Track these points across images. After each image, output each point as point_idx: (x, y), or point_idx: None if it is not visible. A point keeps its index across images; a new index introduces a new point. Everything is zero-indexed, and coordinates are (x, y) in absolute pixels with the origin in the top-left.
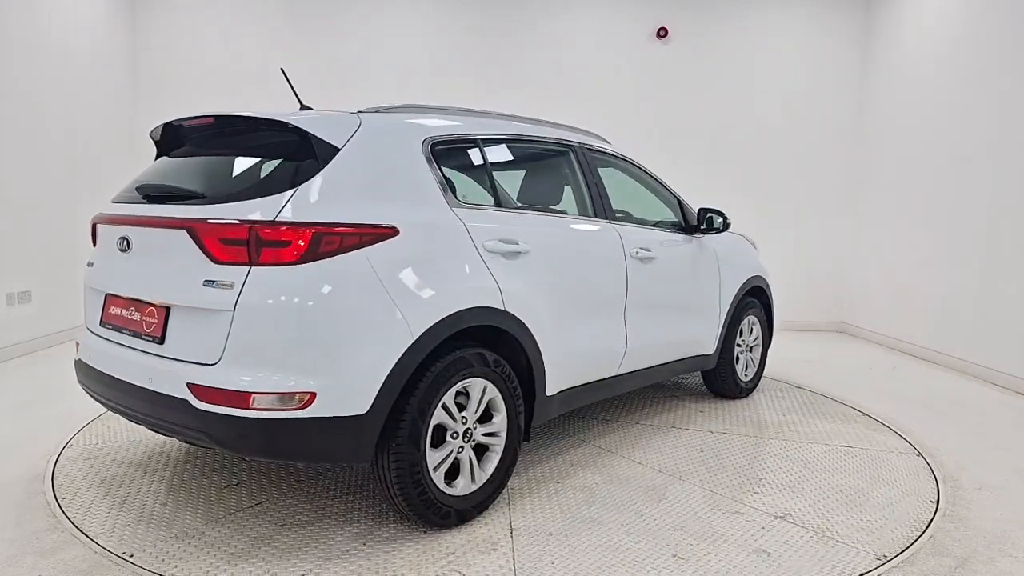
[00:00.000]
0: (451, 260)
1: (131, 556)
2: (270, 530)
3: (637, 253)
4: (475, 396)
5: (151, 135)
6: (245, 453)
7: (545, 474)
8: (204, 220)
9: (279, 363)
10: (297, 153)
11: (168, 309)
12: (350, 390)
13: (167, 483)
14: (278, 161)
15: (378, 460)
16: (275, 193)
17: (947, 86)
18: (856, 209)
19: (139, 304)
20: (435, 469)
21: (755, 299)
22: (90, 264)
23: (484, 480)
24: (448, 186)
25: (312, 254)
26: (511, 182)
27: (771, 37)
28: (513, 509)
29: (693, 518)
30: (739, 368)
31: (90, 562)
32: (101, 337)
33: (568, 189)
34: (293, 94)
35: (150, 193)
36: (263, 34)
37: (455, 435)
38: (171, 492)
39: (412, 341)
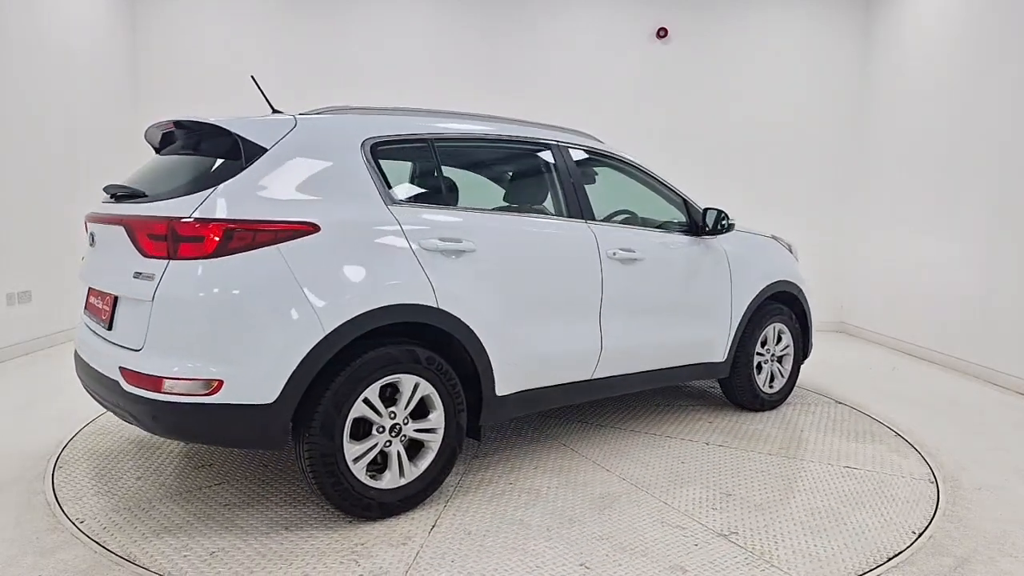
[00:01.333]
0: (376, 257)
1: (131, 556)
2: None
3: (615, 254)
4: (406, 392)
5: (144, 136)
6: (160, 434)
7: (502, 474)
8: (137, 217)
9: (189, 351)
10: (228, 154)
11: (116, 299)
12: (257, 380)
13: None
14: (213, 161)
15: (296, 448)
16: (199, 191)
17: (947, 86)
18: (856, 209)
19: (101, 294)
20: (355, 461)
21: (784, 306)
22: (83, 258)
23: (415, 476)
24: (387, 185)
25: (224, 249)
26: (476, 182)
27: (771, 37)
28: (448, 506)
29: (627, 529)
30: (760, 379)
31: (90, 562)
32: (84, 325)
33: (540, 189)
34: (264, 100)
35: (115, 192)
36: (263, 34)
37: (381, 429)
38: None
39: (323, 335)
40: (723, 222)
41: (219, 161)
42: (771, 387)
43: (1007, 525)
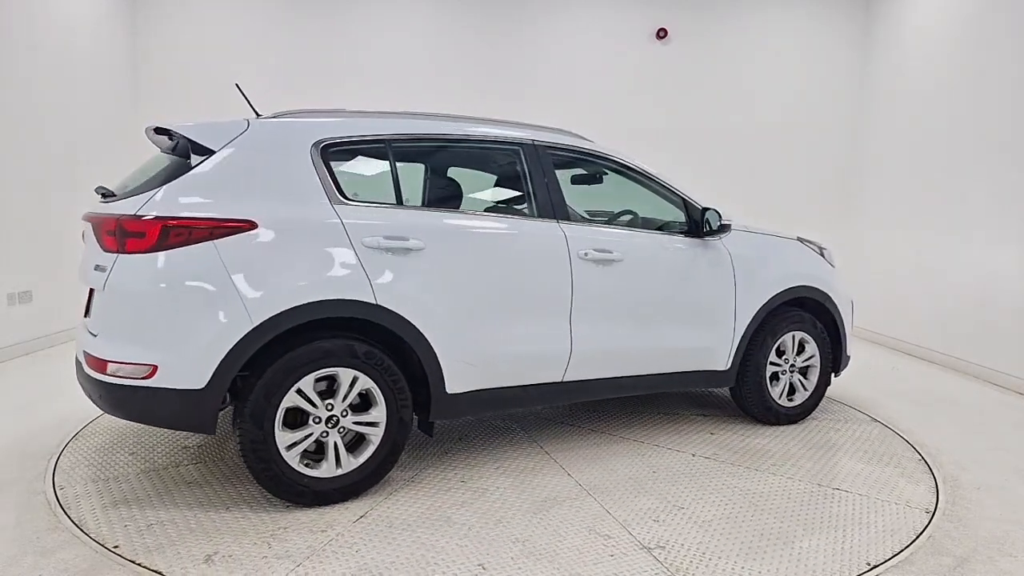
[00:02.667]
0: (312, 254)
1: (132, 556)
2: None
3: (588, 255)
4: (343, 385)
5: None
6: (106, 412)
7: (459, 471)
8: (100, 215)
9: (130, 338)
10: (182, 155)
11: (92, 290)
12: (188, 367)
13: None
14: (170, 162)
15: (234, 433)
16: (149, 190)
17: (947, 86)
18: (856, 209)
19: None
20: (288, 448)
21: (808, 313)
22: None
23: (354, 467)
24: (334, 184)
25: (162, 244)
26: (437, 182)
27: (771, 37)
28: (389, 498)
29: (549, 535)
30: (775, 390)
31: (90, 561)
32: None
33: (507, 188)
34: (248, 105)
35: (103, 192)
36: (263, 34)
37: (317, 420)
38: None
39: (251, 327)
40: (715, 222)
41: (175, 163)
42: (790, 400)
43: (1007, 525)
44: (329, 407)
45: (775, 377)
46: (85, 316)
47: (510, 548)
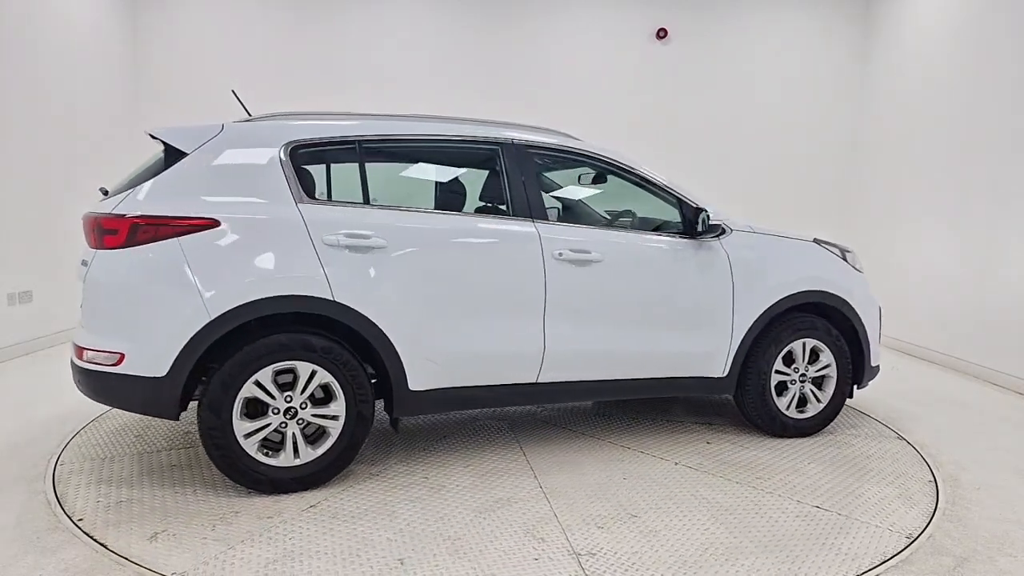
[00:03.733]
0: (272, 251)
1: (132, 555)
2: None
3: (562, 255)
4: (302, 379)
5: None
6: (85, 395)
7: (422, 467)
8: (90, 213)
9: (102, 327)
10: (161, 157)
11: None
12: (150, 356)
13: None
14: (151, 164)
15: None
16: (128, 191)
17: (947, 86)
18: (855, 208)
19: None
20: (246, 437)
21: (822, 319)
22: None
23: (312, 458)
24: (300, 184)
25: (131, 241)
26: (408, 181)
27: (771, 37)
28: (346, 491)
29: (484, 534)
30: (783, 400)
31: (91, 561)
32: None
33: (481, 187)
34: (243, 108)
35: (103, 192)
36: (263, 34)
37: (276, 411)
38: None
39: (208, 320)
40: (705, 222)
41: (156, 163)
42: (800, 411)
43: (1006, 525)
44: (288, 399)
45: (783, 387)
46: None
47: (439, 545)
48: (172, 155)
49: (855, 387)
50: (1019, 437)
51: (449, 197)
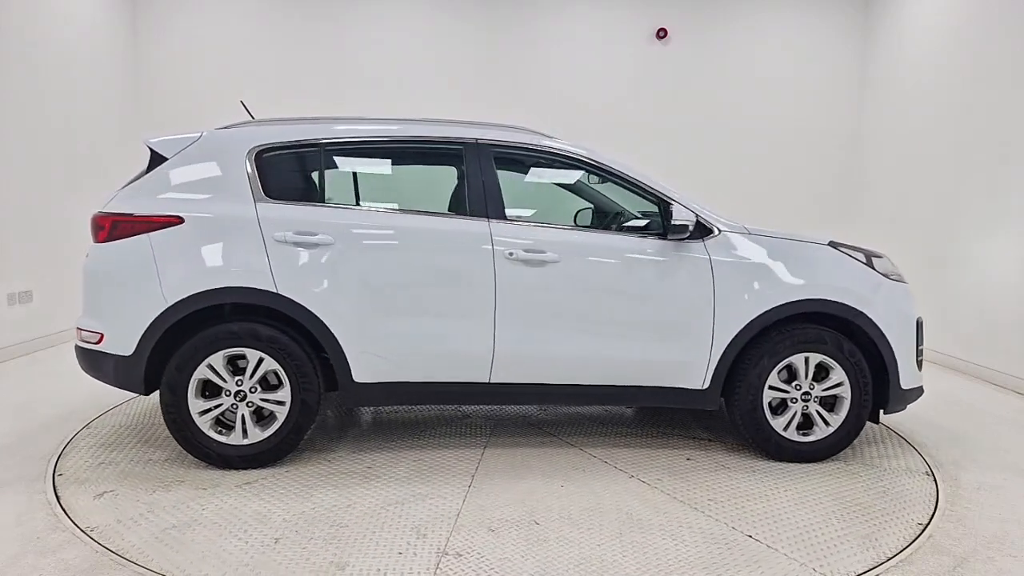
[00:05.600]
0: (226, 246)
1: (132, 556)
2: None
3: (513, 254)
4: (251, 364)
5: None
6: (83, 370)
7: (374, 457)
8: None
9: (90, 310)
10: (149, 162)
11: None
12: (120, 336)
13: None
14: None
15: None
16: (118, 191)
17: (947, 86)
18: (855, 208)
19: None
20: (200, 415)
21: (832, 331)
22: None
23: (258, 439)
24: (261, 185)
25: (112, 236)
26: (368, 181)
27: (771, 37)
28: (282, 470)
29: (369, 525)
30: (780, 420)
31: (91, 562)
32: None
33: (439, 186)
34: (250, 116)
35: None
36: (263, 34)
37: (228, 393)
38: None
39: (165, 307)
40: (674, 222)
41: (146, 168)
42: (804, 434)
43: (1006, 524)
44: (239, 383)
45: (783, 405)
46: None
47: (323, 530)
48: (156, 160)
49: (880, 411)
50: (1019, 437)
51: (412, 196)
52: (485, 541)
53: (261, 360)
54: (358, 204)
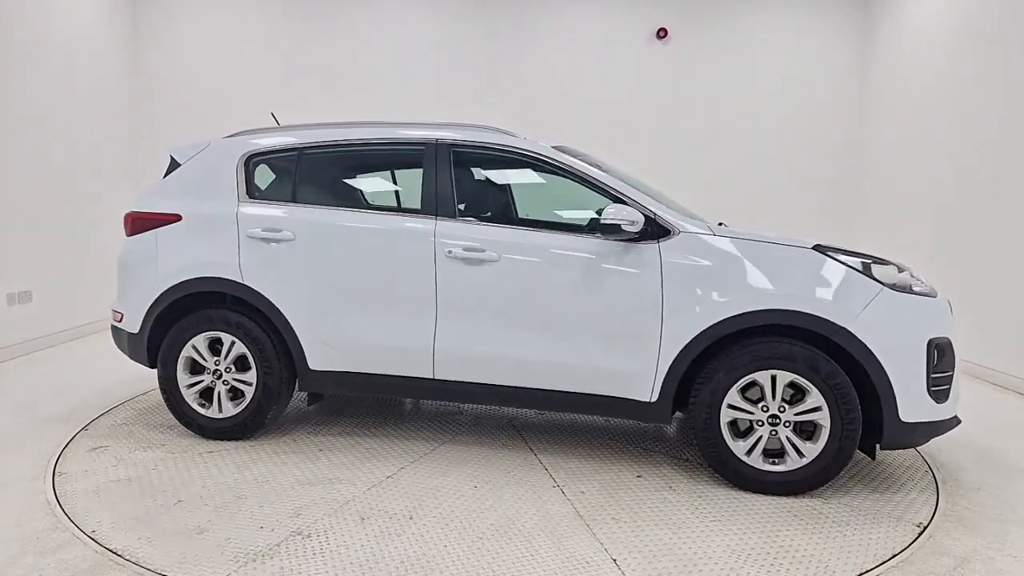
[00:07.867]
0: (208, 241)
1: (132, 556)
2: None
3: (452, 253)
4: (225, 347)
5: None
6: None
7: (333, 441)
8: None
9: (118, 294)
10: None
11: None
12: (132, 316)
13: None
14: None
15: None
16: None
17: (947, 86)
18: (856, 208)
19: None
20: (187, 388)
21: (809, 347)
22: None
23: (229, 415)
24: (247, 187)
25: (134, 231)
26: (341, 180)
27: (771, 37)
28: (247, 444)
29: (264, 501)
30: (742, 444)
31: (91, 562)
32: None
33: (397, 186)
34: (276, 124)
35: None
36: (263, 35)
37: (208, 371)
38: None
39: (159, 293)
40: (606, 222)
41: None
42: (772, 463)
43: (1006, 524)
44: (216, 363)
45: (750, 429)
46: None
47: (223, 497)
48: (173, 165)
49: (876, 446)
50: (1019, 437)
51: (382, 196)
52: (343, 528)
53: (233, 343)
54: (325, 204)
